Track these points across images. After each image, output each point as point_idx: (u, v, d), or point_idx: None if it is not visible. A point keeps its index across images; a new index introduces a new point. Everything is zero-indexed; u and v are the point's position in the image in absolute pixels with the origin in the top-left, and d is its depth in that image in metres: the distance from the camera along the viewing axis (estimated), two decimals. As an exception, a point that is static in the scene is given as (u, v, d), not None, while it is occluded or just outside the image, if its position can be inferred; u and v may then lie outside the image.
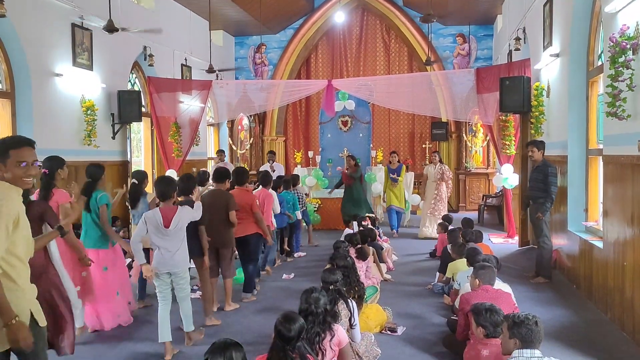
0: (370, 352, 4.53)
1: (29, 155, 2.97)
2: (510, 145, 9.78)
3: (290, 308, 5.84)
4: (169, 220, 4.77)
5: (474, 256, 5.59)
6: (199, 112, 11.36)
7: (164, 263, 4.83)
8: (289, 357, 3.06)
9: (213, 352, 2.66)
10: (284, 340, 3.08)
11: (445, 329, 5.23)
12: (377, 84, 12.23)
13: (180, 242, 4.89)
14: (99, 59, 9.28)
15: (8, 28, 7.44)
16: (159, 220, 4.76)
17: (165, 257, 4.83)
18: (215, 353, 2.65)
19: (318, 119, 14.64)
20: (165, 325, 4.78)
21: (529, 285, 6.92)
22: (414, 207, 12.77)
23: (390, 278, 7.42)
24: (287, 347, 3.07)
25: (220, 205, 5.91)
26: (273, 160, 12.29)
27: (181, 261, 4.90)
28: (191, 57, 12.76)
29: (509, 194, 10.21)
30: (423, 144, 15.53)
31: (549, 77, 8.31)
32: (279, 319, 3.14)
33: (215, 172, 6.33)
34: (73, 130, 8.63)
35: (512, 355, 3.20)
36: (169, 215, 4.80)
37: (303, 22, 15.80)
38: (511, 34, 10.91)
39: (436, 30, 14.80)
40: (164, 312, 4.83)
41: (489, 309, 3.90)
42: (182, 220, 4.85)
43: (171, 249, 4.82)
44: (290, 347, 3.07)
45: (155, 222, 4.77)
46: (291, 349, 3.08)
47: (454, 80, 11.33)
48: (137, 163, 11.27)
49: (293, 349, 3.08)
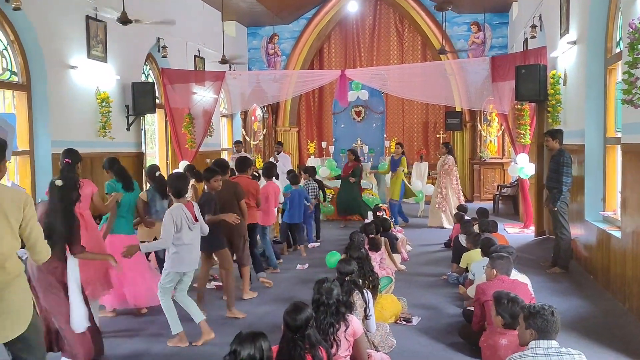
0: (386, 342, 4.53)
1: None
2: (526, 135, 9.67)
3: (304, 298, 5.84)
4: (194, 215, 4.80)
5: (488, 246, 5.54)
6: (212, 103, 11.37)
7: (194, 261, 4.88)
8: (299, 346, 3.05)
9: (242, 343, 2.63)
10: (291, 330, 3.08)
11: (461, 319, 5.20)
12: (391, 73, 12.14)
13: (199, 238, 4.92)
14: (113, 51, 9.31)
15: (23, 21, 7.48)
16: (189, 216, 4.74)
17: (195, 255, 4.88)
18: (245, 343, 2.62)
19: (331, 109, 14.59)
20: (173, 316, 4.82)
21: (545, 276, 6.87)
22: (427, 198, 12.71)
23: (404, 268, 7.40)
24: (296, 336, 3.07)
25: (229, 195, 5.93)
26: (279, 151, 12.30)
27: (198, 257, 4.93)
28: (204, 49, 12.75)
29: (524, 183, 10.11)
30: (437, 133, 15.44)
31: (565, 65, 8.19)
32: (287, 309, 3.15)
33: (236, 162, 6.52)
34: (88, 121, 8.68)
35: (528, 345, 3.18)
36: (191, 210, 4.80)
37: (316, 12, 15.71)
38: (527, 22, 10.76)
39: (450, 19, 14.65)
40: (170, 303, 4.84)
41: (511, 299, 3.87)
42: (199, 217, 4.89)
43: (196, 246, 4.87)
44: (299, 337, 3.07)
45: (186, 218, 4.72)
46: (301, 338, 3.07)
47: (469, 69, 11.21)
48: (151, 154, 11.33)
49: (303, 339, 3.07)
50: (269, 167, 7.86)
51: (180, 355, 4.67)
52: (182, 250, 4.75)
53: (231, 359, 2.63)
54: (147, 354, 4.70)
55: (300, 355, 3.02)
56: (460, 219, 8.11)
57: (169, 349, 4.78)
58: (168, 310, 4.80)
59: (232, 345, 2.65)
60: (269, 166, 7.89)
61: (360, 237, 6.10)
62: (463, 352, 4.55)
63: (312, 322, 3.15)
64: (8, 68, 7.56)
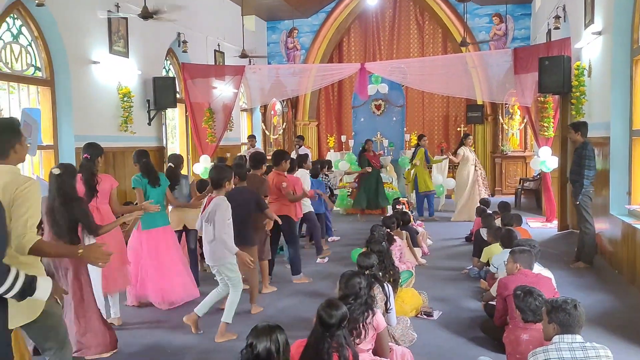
0: (406, 336, 4.51)
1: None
2: (549, 127, 9.52)
3: (324, 292, 5.90)
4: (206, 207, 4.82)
5: (510, 239, 5.47)
6: (232, 97, 11.41)
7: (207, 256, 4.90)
8: (327, 343, 3.02)
9: (258, 336, 2.61)
10: (324, 326, 3.05)
11: (482, 313, 5.16)
12: (411, 66, 12.06)
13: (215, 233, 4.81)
14: (135, 46, 9.40)
15: (47, 17, 7.59)
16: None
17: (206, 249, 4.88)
18: (261, 336, 2.60)
19: (351, 103, 14.51)
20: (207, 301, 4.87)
21: (569, 270, 6.77)
22: (448, 192, 12.61)
23: (425, 262, 7.36)
24: (327, 334, 3.03)
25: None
26: (300, 145, 12.30)
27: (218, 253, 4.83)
28: (224, 43, 12.80)
29: (547, 177, 9.96)
30: (458, 127, 15.29)
31: (590, 56, 8.04)
32: (322, 304, 3.10)
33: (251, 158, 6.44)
34: (110, 116, 8.78)
35: (552, 340, 3.13)
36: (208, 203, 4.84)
37: (335, 6, 15.66)
38: (550, 13, 10.58)
39: (472, 11, 14.48)
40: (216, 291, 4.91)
41: (527, 292, 3.81)
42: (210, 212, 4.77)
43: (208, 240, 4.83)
44: (329, 335, 3.03)
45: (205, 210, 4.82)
46: (330, 336, 3.03)
47: (490, 62, 11.07)
48: (172, 149, 11.41)
49: (332, 337, 3.03)
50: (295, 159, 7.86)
51: (199, 347, 4.70)
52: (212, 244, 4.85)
53: (247, 352, 2.61)
54: (169, 346, 4.75)
55: (327, 353, 3.00)
56: (482, 213, 8.03)
57: (190, 341, 4.81)
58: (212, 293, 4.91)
59: (248, 339, 2.63)
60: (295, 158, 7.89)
61: (381, 230, 6.06)
62: (485, 347, 4.51)
63: (345, 323, 3.10)
64: (32, 64, 7.68)
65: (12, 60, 7.34)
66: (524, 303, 3.80)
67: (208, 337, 4.85)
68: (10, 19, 7.30)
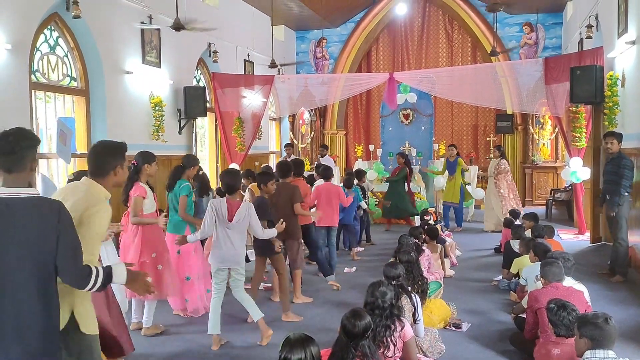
0: (435, 347, 4.48)
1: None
2: (581, 138, 9.36)
3: (352, 302, 5.88)
4: (233, 214, 4.79)
5: (543, 252, 5.36)
6: (262, 106, 11.52)
7: (225, 259, 4.86)
8: (352, 353, 3.01)
9: (292, 348, 2.59)
10: (348, 336, 3.04)
11: (512, 326, 5.08)
12: (440, 76, 12.03)
13: (242, 237, 4.88)
14: (167, 57, 9.59)
15: (83, 28, 7.81)
16: (225, 212, 4.80)
17: (226, 252, 4.83)
18: (296, 348, 2.59)
19: (379, 112, 14.52)
20: (215, 318, 4.84)
21: (602, 284, 6.62)
22: (477, 202, 12.48)
23: (453, 274, 7.28)
24: (351, 343, 3.03)
25: (286, 197, 5.98)
26: (323, 155, 12.33)
27: (241, 256, 4.90)
28: (253, 53, 12.95)
29: (579, 188, 9.78)
30: (487, 137, 15.13)
31: (624, 66, 7.90)
32: (346, 314, 3.11)
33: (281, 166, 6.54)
34: (142, 125, 8.96)
35: (584, 356, 3.07)
36: (233, 208, 4.81)
37: (364, 15, 15.72)
38: (582, 22, 10.44)
39: (502, 20, 14.36)
40: (216, 303, 4.88)
41: (561, 306, 3.74)
42: (243, 217, 4.79)
43: (234, 244, 4.82)
44: (353, 344, 3.02)
45: (222, 213, 4.79)
46: (354, 346, 3.02)
47: (521, 71, 10.97)
48: (201, 157, 11.56)
49: (356, 347, 3.02)
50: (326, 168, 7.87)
51: (223, 356, 4.70)
52: (214, 244, 4.88)
53: None
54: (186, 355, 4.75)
55: None
56: (510, 224, 7.92)
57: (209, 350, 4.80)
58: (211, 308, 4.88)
59: (281, 352, 2.62)
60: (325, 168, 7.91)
61: (409, 240, 6.04)
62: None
63: (369, 333, 3.09)
64: (68, 74, 7.89)
65: (49, 70, 7.56)
66: (557, 317, 3.74)
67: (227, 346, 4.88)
68: (47, 31, 7.53)
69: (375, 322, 3.39)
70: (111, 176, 2.95)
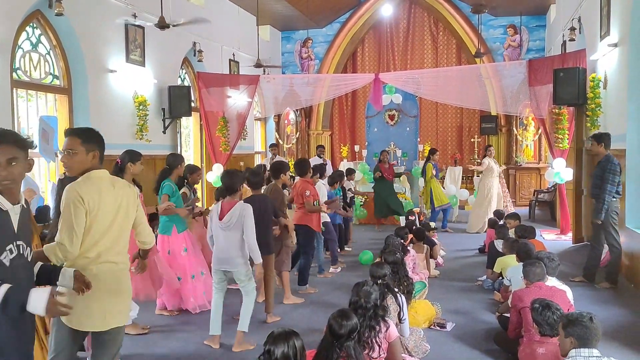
0: (420, 347, 4.48)
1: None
2: (564, 139, 9.45)
3: (337, 302, 5.87)
4: (224, 214, 4.74)
5: (527, 253, 5.39)
6: (247, 106, 11.47)
7: (218, 260, 4.83)
8: (337, 354, 3.01)
9: (275, 342, 2.60)
10: (334, 335, 3.04)
11: (496, 325, 5.11)
12: (425, 77, 12.08)
13: (236, 239, 4.74)
14: (151, 56, 9.51)
15: (65, 26, 7.71)
16: (217, 212, 4.81)
17: (218, 253, 4.81)
18: (278, 342, 2.60)
19: (364, 113, 14.56)
20: (216, 318, 4.82)
21: (584, 285, 6.67)
22: (461, 202, 12.56)
23: (438, 274, 7.32)
24: (336, 344, 3.02)
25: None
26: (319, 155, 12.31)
27: (234, 259, 4.76)
28: (239, 53, 12.90)
29: (562, 189, 9.88)
30: (472, 138, 15.24)
31: (606, 68, 7.99)
32: (334, 314, 3.10)
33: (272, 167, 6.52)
34: (126, 124, 8.87)
35: (569, 355, 3.10)
36: (226, 208, 4.77)
37: (349, 16, 15.74)
38: (565, 24, 10.55)
39: (486, 22, 14.48)
40: (216, 303, 4.86)
41: (545, 305, 3.77)
42: (236, 218, 4.69)
43: (227, 245, 4.75)
44: (338, 345, 3.02)
45: (215, 212, 4.83)
46: (339, 346, 3.02)
47: (505, 73, 11.05)
48: (186, 157, 11.46)
49: (341, 347, 3.02)
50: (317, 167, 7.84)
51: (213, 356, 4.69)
52: (215, 247, 4.87)
53: (265, 358, 2.62)
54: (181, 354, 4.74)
55: None
56: (494, 224, 7.98)
57: (204, 350, 4.81)
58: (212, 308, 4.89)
59: (265, 345, 2.63)
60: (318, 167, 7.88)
61: (395, 240, 6.04)
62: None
63: (355, 335, 3.08)
64: (50, 72, 7.79)
65: (31, 68, 7.46)
66: (541, 317, 3.76)
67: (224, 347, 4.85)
68: (29, 28, 7.43)
69: (359, 322, 3.38)
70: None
